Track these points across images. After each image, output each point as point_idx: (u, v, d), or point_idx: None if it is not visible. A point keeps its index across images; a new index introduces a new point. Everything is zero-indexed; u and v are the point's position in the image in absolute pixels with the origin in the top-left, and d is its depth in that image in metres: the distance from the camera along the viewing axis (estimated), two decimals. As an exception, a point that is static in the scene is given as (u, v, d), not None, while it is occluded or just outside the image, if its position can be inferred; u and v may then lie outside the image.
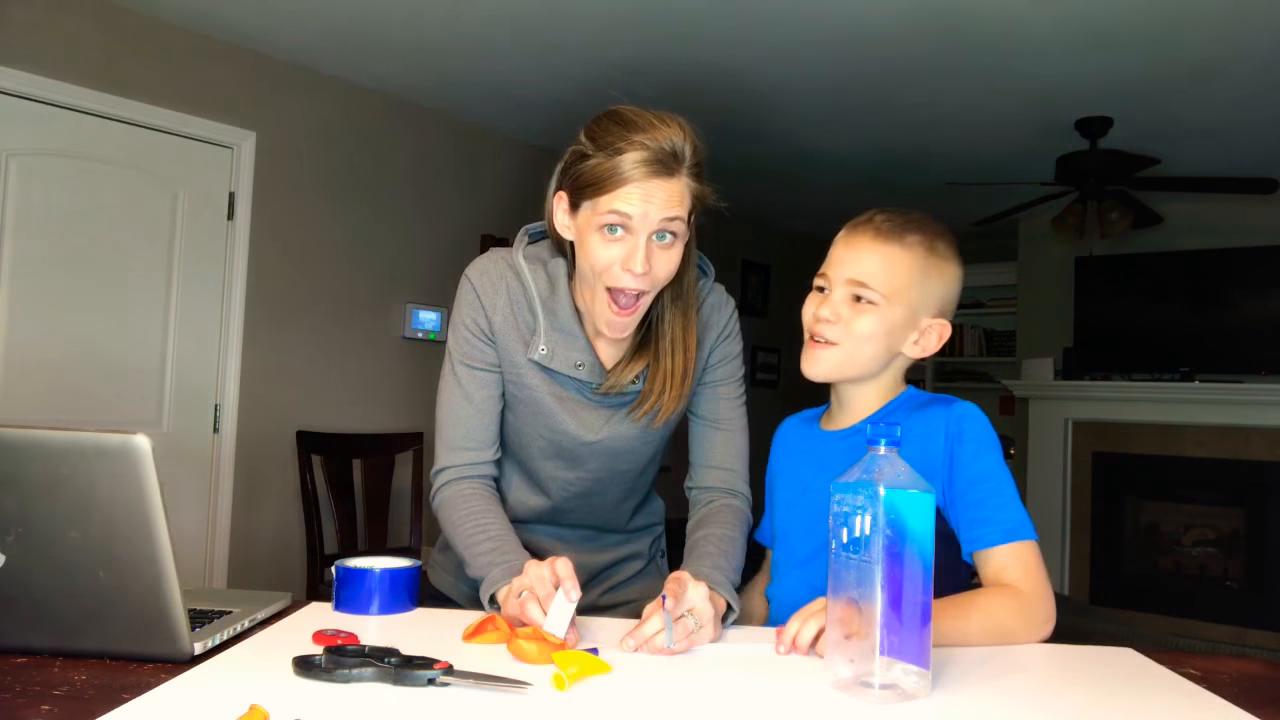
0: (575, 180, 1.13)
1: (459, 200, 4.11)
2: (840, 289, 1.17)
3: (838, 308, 1.17)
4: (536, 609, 0.99)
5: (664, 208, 1.10)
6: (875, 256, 1.16)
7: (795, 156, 4.45)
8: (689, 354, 1.23)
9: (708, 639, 1.00)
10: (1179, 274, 4.84)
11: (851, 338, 1.16)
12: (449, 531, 1.22)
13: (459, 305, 1.25)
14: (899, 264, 1.16)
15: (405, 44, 3.28)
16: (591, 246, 1.13)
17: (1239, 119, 3.64)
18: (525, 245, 1.27)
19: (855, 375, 1.20)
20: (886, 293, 1.15)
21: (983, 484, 1.12)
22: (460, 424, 1.24)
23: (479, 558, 1.15)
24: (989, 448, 1.14)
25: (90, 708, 0.74)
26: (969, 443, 1.13)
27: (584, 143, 1.13)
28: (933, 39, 3.02)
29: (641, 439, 1.28)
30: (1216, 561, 4.87)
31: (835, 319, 1.17)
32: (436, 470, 1.26)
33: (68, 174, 2.98)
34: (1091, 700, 0.87)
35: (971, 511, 1.11)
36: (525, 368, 1.22)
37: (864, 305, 1.16)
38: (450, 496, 1.23)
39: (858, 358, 1.18)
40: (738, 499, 1.29)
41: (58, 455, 0.84)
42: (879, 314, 1.16)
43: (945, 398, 1.19)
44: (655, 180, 1.09)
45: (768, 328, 5.96)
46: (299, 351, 3.57)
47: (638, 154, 1.08)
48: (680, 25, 2.99)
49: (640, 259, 1.10)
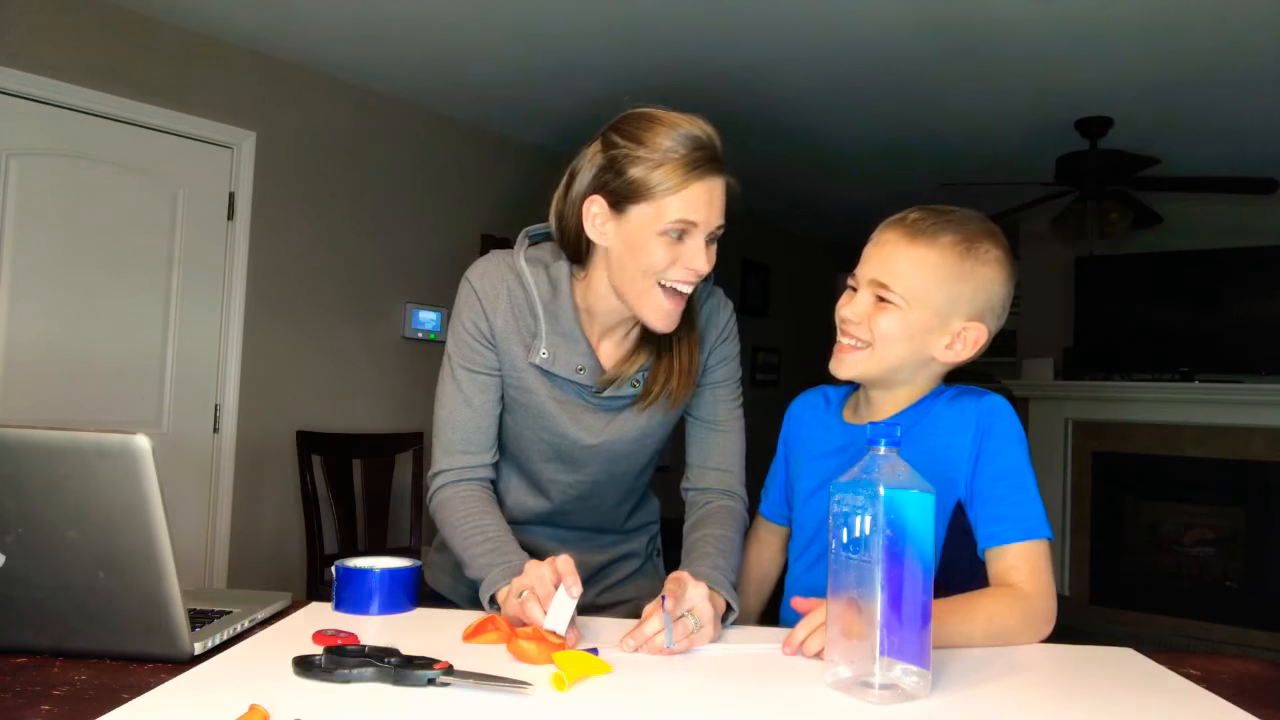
0: (623, 184, 1.12)
1: (459, 200, 4.11)
2: (865, 289, 1.15)
3: (861, 308, 1.15)
4: (537, 608, 0.99)
5: (719, 214, 1.14)
6: (901, 256, 1.12)
7: (795, 156, 4.45)
8: (693, 340, 1.25)
9: (708, 639, 1.01)
10: (1179, 274, 4.84)
11: (877, 339, 1.13)
12: (447, 533, 1.22)
13: (459, 308, 1.25)
14: (925, 265, 1.11)
15: (405, 44, 3.28)
16: (650, 248, 1.12)
17: (1239, 119, 3.64)
18: (526, 248, 1.26)
19: (882, 376, 1.17)
20: (907, 294, 1.11)
21: (1004, 480, 1.11)
22: (459, 428, 1.24)
23: (478, 559, 1.15)
24: (1015, 443, 1.12)
25: (90, 708, 0.74)
26: (996, 437, 1.12)
27: (623, 145, 1.12)
28: (932, 40, 3.02)
29: (640, 441, 1.28)
30: (1216, 561, 4.87)
31: (859, 320, 1.14)
32: (434, 473, 1.25)
33: (68, 174, 2.98)
34: (1091, 700, 0.87)
35: (991, 507, 1.10)
36: (526, 371, 1.22)
37: (886, 306, 1.13)
38: (448, 498, 1.23)
39: (884, 360, 1.14)
40: (735, 500, 1.29)
41: (58, 455, 0.84)
42: (900, 315, 1.12)
43: (975, 390, 1.17)
44: (714, 178, 1.12)
45: (768, 328, 5.96)
46: (299, 352, 3.57)
47: (695, 153, 1.10)
48: (679, 28, 2.99)
49: (704, 258, 1.13)
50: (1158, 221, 4.24)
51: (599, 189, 1.15)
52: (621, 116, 1.16)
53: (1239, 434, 4.66)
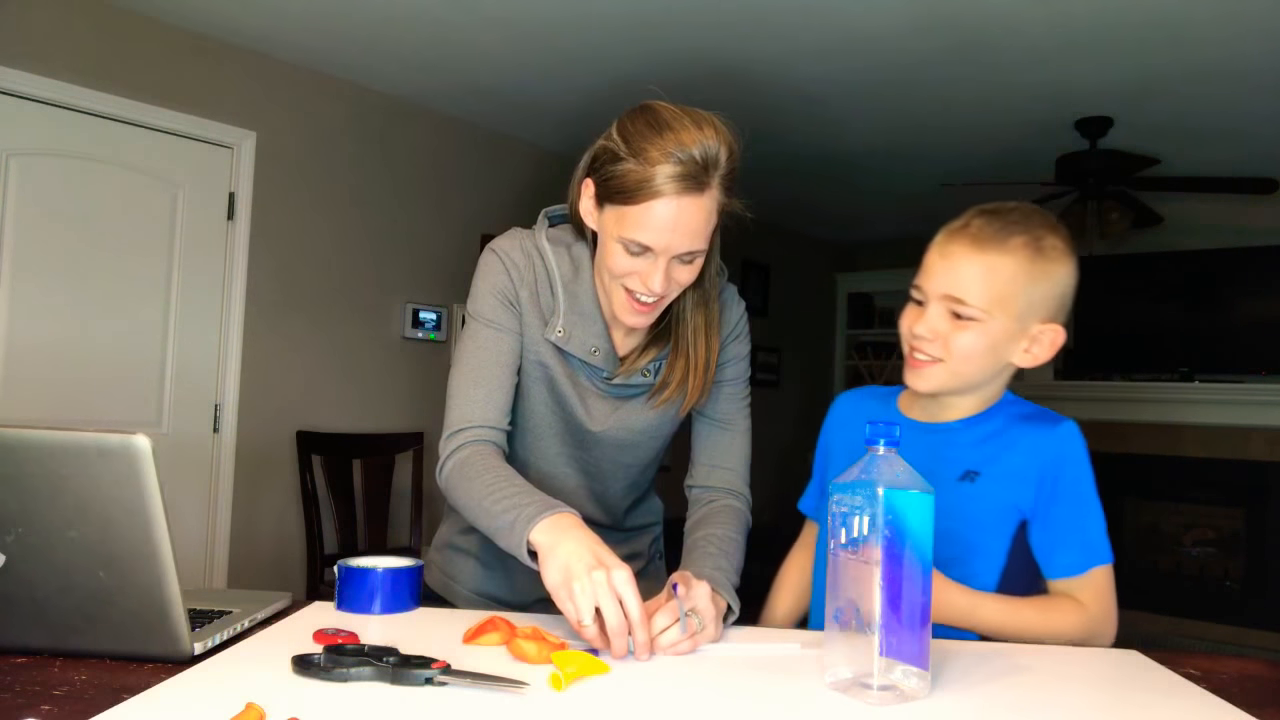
0: (604, 179, 1.11)
1: (459, 200, 4.11)
2: (936, 304, 1.10)
3: (935, 324, 1.09)
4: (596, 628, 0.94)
5: (686, 239, 1.08)
6: (974, 267, 1.07)
7: (795, 156, 4.45)
8: (711, 343, 1.23)
9: (709, 639, 1.01)
10: (1179, 274, 4.84)
11: (954, 356, 1.09)
12: (467, 490, 1.10)
13: (485, 274, 1.21)
14: (1001, 273, 1.07)
15: (406, 44, 3.28)
16: (612, 253, 1.12)
17: (1239, 119, 3.64)
18: (546, 228, 1.26)
19: (963, 389, 1.14)
20: (987, 306, 1.07)
21: (1078, 510, 1.10)
22: (482, 383, 1.17)
23: (508, 499, 1.05)
24: (1088, 472, 1.11)
25: (90, 708, 0.74)
26: (1071, 466, 1.10)
27: (616, 140, 1.10)
28: (933, 40, 3.02)
29: (646, 433, 1.27)
30: (1216, 561, 4.87)
31: (934, 337, 1.09)
32: (451, 432, 1.16)
33: (68, 174, 2.98)
34: (1090, 700, 0.87)
35: (1060, 535, 1.10)
36: (543, 345, 1.21)
37: (964, 322, 1.08)
38: (469, 456, 1.13)
39: (963, 374, 1.11)
40: (738, 500, 1.28)
41: (58, 455, 0.84)
42: (981, 329, 1.08)
43: (1050, 414, 1.14)
44: (684, 198, 1.06)
45: (768, 328, 5.96)
46: (299, 352, 3.57)
47: (669, 168, 1.05)
48: (681, 28, 2.99)
49: (659, 280, 1.10)
50: (1158, 221, 4.24)
51: (591, 174, 1.15)
52: (637, 108, 1.13)
53: (1239, 434, 4.66)
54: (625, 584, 0.93)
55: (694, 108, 1.11)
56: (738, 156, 1.11)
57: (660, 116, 1.09)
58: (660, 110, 1.10)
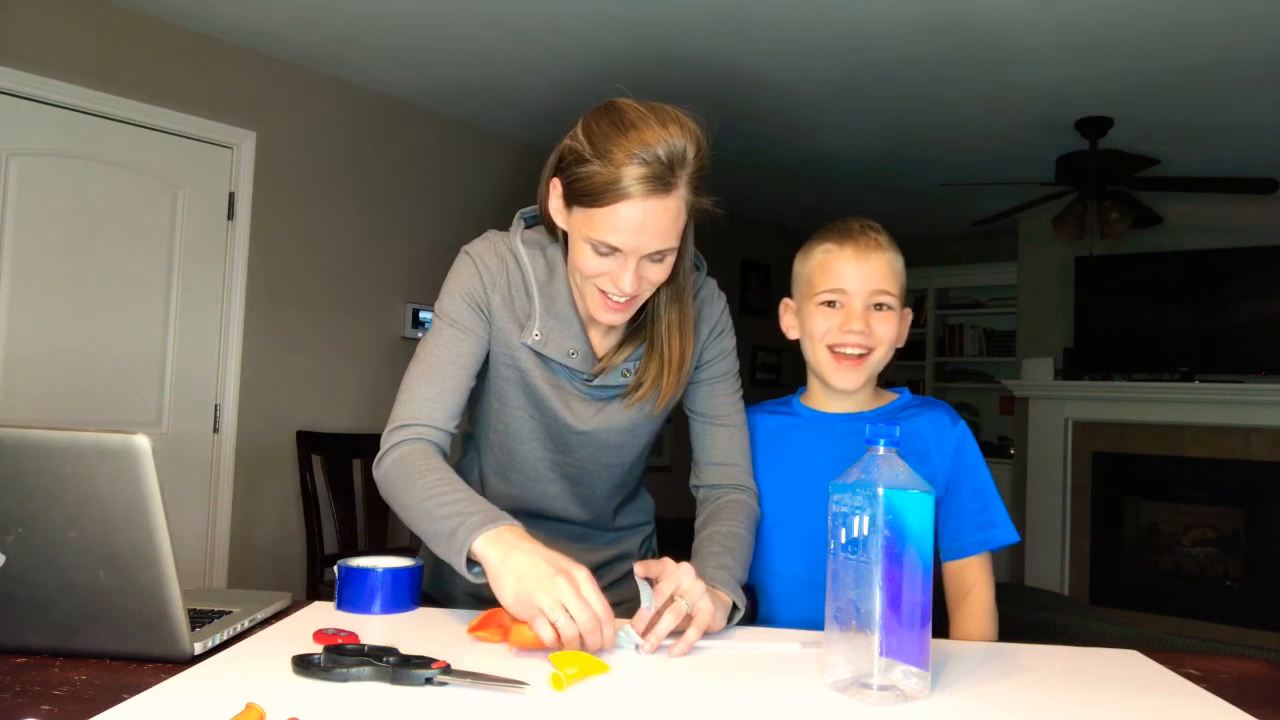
0: (570, 181, 1.10)
1: (459, 200, 4.11)
2: (861, 300, 1.23)
3: (864, 319, 1.24)
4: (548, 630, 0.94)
5: (655, 239, 1.07)
6: (883, 264, 1.24)
7: (795, 156, 4.45)
8: (686, 340, 1.22)
9: (708, 614, 1.00)
10: (1179, 274, 4.84)
11: (880, 345, 1.24)
12: (406, 488, 1.09)
13: (457, 275, 1.22)
14: (896, 266, 1.26)
15: (405, 44, 3.28)
16: (581, 253, 1.11)
17: (1239, 119, 3.64)
18: (522, 230, 1.25)
19: (873, 377, 1.29)
20: (898, 294, 1.25)
21: (983, 494, 1.24)
22: (434, 382, 1.17)
23: (450, 505, 1.05)
24: (982, 461, 1.26)
25: (90, 708, 0.74)
26: (970, 454, 1.25)
27: (581, 141, 1.09)
28: (933, 40, 3.02)
29: (631, 433, 1.26)
30: (1216, 561, 4.87)
31: (865, 329, 1.23)
32: (394, 427, 1.16)
33: (68, 174, 2.98)
34: (1090, 700, 0.87)
35: (967, 518, 1.24)
36: (519, 350, 1.20)
37: (884, 313, 1.24)
38: (409, 454, 1.13)
39: (882, 361, 1.26)
40: (744, 493, 1.27)
41: (58, 455, 0.84)
42: (894, 316, 1.25)
43: (932, 401, 1.31)
44: (650, 200, 1.05)
45: (768, 328, 5.95)
46: (299, 352, 3.57)
47: (634, 169, 1.03)
48: (679, 26, 2.99)
49: (629, 280, 1.09)
50: (1158, 221, 4.24)
51: (558, 174, 1.14)
52: (602, 106, 1.11)
53: (1239, 434, 4.66)
54: (586, 582, 0.96)
55: (660, 103, 1.10)
56: (706, 152, 1.10)
57: (625, 115, 1.07)
58: (625, 109, 1.08)
